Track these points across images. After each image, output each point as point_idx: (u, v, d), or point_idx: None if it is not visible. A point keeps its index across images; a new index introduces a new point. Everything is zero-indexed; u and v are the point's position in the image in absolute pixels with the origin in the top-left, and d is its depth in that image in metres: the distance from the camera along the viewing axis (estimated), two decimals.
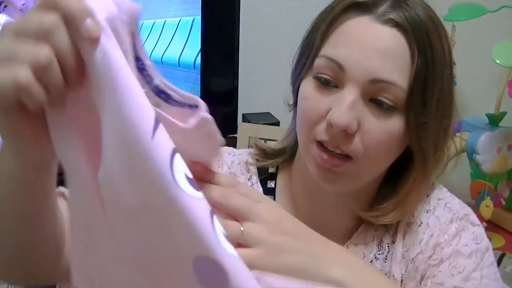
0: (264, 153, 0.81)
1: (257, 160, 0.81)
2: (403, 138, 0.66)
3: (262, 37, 1.80)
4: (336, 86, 0.65)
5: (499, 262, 1.66)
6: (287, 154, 0.80)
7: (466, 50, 1.86)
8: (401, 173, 0.72)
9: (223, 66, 1.66)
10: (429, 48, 0.63)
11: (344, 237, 0.77)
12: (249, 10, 1.65)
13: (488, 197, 1.75)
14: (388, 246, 0.76)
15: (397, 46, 0.63)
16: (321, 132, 0.65)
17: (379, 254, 0.76)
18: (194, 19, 1.58)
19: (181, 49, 1.59)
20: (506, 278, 1.64)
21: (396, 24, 0.63)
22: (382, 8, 0.64)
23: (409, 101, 0.63)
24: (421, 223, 0.75)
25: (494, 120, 1.78)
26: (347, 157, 0.65)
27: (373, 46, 0.63)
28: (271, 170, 0.81)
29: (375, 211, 0.73)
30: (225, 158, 0.80)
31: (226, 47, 1.63)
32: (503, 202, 1.82)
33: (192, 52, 1.60)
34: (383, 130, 0.64)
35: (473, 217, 0.75)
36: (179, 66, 1.60)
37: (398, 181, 0.72)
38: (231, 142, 1.61)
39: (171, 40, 1.58)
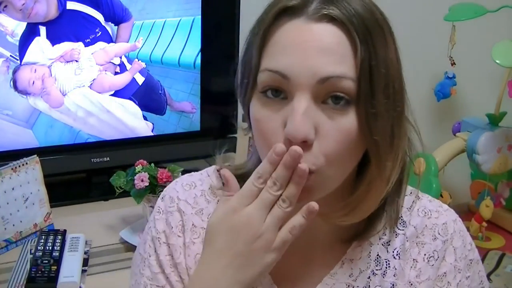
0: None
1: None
2: (360, 135, 0.63)
3: None
4: (285, 98, 0.63)
5: (499, 262, 1.66)
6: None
7: (466, 50, 1.86)
8: (361, 169, 0.69)
9: (223, 66, 1.65)
10: (369, 35, 0.62)
11: (337, 253, 0.74)
12: (249, 10, 1.65)
13: (488, 197, 1.76)
14: (386, 262, 0.73)
15: (337, 40, 0.61)
16: None
17: (377, 270, 0.73)
18: (194, 19, 1.58)
19: (181, 49, 1.59)
20: (506, 278, 1.64)
21: (331, 19, 0.61)
22: (313, 5, 0.62)
23: (358, 92, 0.62)
24: (438, 257, 0.73)
25: (494, 120, 1.78)
26: (309, 171, 0.62)
27: (312, 47, 0.61)
28: None
29: (341, 210, 0.69)
30: (186, 198, 0.76)
31: (226, 47, 1.63)
32: (503, 202, 1.83)
33: (192, 52, 1.60)
34: (340, 131, 0.62)
35: (476, 253, 0.76)
36: (179, 66, 1.60)
37: (359, 178, 0.69)
38: (231, 142, 1.61)
39: (171, 40, 1.58)
